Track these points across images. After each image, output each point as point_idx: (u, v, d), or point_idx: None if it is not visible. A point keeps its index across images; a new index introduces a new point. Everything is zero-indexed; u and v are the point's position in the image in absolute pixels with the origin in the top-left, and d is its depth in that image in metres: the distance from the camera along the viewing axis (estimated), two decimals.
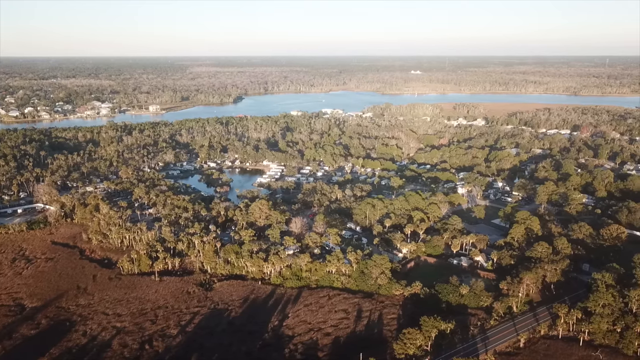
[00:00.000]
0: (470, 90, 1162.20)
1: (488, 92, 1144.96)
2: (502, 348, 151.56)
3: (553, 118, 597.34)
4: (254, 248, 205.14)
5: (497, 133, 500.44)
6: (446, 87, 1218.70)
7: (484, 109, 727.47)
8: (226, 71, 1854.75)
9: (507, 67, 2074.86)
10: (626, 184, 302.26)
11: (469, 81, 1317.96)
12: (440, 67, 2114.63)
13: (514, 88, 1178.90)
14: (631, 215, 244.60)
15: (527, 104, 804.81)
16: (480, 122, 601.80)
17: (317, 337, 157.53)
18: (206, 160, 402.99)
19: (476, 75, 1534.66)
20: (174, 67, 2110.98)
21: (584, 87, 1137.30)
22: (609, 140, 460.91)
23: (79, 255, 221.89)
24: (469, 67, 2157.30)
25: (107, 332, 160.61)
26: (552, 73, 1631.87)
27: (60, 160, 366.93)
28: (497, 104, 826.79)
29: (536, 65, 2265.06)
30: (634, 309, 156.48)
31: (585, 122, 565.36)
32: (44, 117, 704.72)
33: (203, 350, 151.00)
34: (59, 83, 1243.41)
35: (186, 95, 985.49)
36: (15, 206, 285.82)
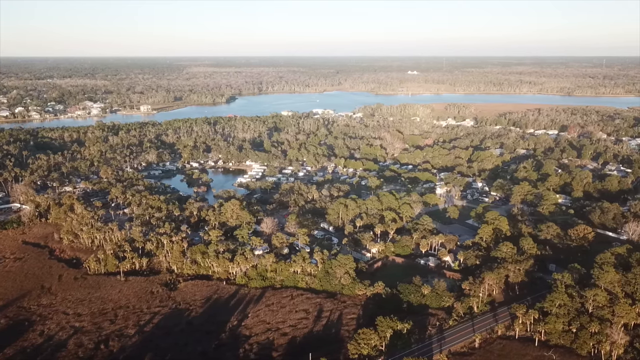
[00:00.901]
0: (464, 91, 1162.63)
1: (482, 92, 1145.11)
2: (457, 348, 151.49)
3: (542, 118, 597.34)
4: (221, 248, 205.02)
5: (483, 133, 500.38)
6: (440, 88, 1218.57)
7: (475, 110, 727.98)
8: (223, 71, 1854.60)
9: (504, 68, 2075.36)
10: (604, 185, 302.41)
11: (464, 81, 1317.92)
12: (437, 68, 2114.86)
13: (508, 88, 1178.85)
14: (603, 216, 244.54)
15: (519, 105, 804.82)
16: (469, 122, 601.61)
17: (273, 337, 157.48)
18: (189, 161, 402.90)
19: (472, 76, 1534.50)
20: (171, 68, 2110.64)
21: (578, 88, 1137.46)
22: (595, 140, 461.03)
23: (48, 255, 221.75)
24: (466, 67, 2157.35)
25: (65, 332, 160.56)
26: (549, 74, 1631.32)
27: (41, 160, 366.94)
28: (489, 104, 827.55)
29: (534, 65, 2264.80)
30: (590, 309, 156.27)
31: (573, 122, 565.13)
32: (34, 117, 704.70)
33: (158, 350, 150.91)
34: (53, 83, 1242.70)
35: (179, 95, 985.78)
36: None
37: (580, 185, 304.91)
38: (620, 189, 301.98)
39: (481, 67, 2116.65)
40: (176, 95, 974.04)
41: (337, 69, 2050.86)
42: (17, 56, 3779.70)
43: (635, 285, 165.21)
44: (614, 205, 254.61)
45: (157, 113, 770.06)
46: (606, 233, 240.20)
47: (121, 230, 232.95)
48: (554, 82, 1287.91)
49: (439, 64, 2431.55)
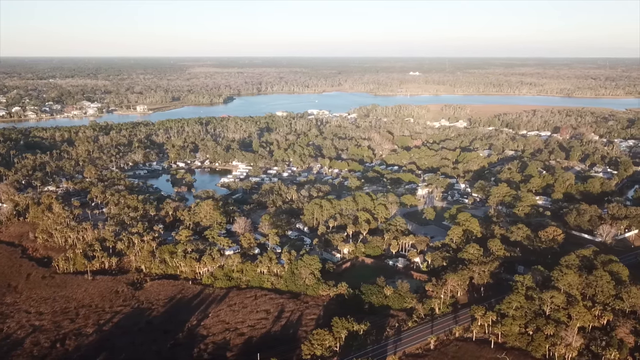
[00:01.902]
0: (463, 92, 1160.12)
1: (482, 93, 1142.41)
2: (412, 350, 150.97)
3: (535, 120, 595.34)
4: (189, 248, 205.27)
5: (474, 135, 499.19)
6: (440, 89, 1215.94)
7: (471, 111, 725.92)
8: (224, 72, 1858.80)
9: (507, 69, 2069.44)
10: (586, 186, 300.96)
11: (464, 82, 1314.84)
12: (439, 69, 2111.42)
13: (507, 89, 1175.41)
14: (579, 218, 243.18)
15: (516, 106, 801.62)
16: (462, 123, 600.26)
17: (230, 337, 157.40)
18: (176, 161, 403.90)
19: (473, 77, 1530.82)
20: (174, 68, 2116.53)
21: (578, 89, 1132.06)
22: (585, 142, 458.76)
23: (21, 254, 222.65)
24: (469, 68, 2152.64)
25: (23, 331, 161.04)
26: (550, 75, 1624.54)
27: (28, 160, 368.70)
28: (486, 105, 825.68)
29: (537, 67, 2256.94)
30: (547, 311, 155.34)
31: (566, 124, 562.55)
32: (30, 116, 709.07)
33: (114, 350, 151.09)
34: (54, 83, 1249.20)
35: (177, 95, 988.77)
36: None
37: (562, 187, 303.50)
38: (602, 190, 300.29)
39: (484, 69, 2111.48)
40: (174, 96, 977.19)
41: (339, 70, 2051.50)
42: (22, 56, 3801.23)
43: (596, 288, 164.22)
44: (592, 207, 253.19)
45: (152, 113, 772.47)
46: (582, 235, 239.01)
47: (95, 229, 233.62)
48: (555, 83, 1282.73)
49: (442, 65, 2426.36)
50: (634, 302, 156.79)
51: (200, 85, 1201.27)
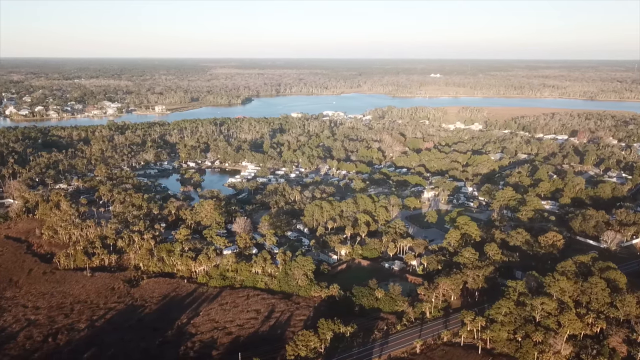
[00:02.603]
0: (483, 94, 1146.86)
1: (502, 96, 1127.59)
2: (398, 353, 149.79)
3: (552, 123, 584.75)
4: (186, 247, 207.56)
5: (488, 137, 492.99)
6: (459, 91, 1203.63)
7: (488, 113, 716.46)
8: (245, 73, 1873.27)
9: (531, 71, 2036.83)
10: (596, 191, 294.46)
11: (485, 85, 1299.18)
12: (461, 71, 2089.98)
13: (529, 92, 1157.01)
14: (584, 223, 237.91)
15: (535, 109, 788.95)
16: (477, 126, 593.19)
17: (218, 335, 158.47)
18: (186, 160, 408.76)
19: (495, 79, 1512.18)
20: (196, 69, 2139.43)
21: (602, 92, 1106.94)
22: (602, 146, 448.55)
23: (26, 249, 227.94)
24: (491, 70, 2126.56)
25: (19, 324, 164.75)
26: (575, 77, 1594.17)
27: (43, 158, 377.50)
28: (505, 107, 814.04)
29: (562, 69, 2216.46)
30: (538, 317, 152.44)
31: (584, 127, 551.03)
32: (52, 115, 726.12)
33: (102, 345, 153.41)
34: (79, 83, 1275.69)
35: (196, 96, 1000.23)
36: None
37: (571, 192, 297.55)
38: (613, 196, 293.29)
39: (506, 71, 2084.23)
40: (193, 96, 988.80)
41: (360, 71, 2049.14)
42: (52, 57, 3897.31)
43: (591, 295, 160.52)
44: (599, 213, 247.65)
45: (170, 113, 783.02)
46: (587, 241, 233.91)
47: (99, 227, 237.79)
48: (578, 86, 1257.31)
49: (464, 67, 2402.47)
50: (628, 311, 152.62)
51: (220, 86, 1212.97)
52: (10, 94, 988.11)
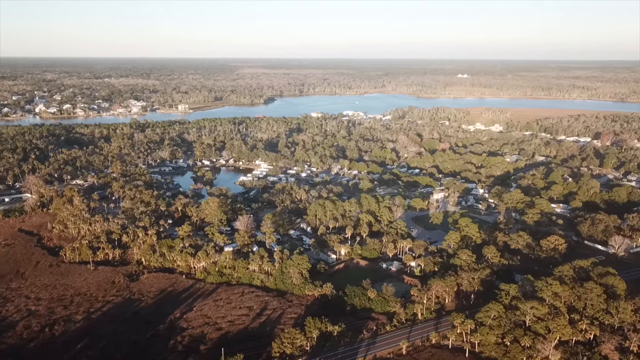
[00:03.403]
0: (509, 95, 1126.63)
1: (529, 97, 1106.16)
2: (384, 354, 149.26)
3: (576, 125, 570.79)
4: (186, 243, 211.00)
5: (507, 139, 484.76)
6: (485, 92, 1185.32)
7: (511, 114, 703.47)
8: (271, 73, 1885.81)
9: (562, 72, 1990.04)
10: (611, 195, 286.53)
11: (512, 86, 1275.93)
12: (489, 72, 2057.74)
13: (557, 93, 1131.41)
14: (593, 228, 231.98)
15: (561, 110, 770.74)
16: (497, 127, 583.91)
17: (208, 330, 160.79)
18: (201, 159, 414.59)
19: (523, 80, 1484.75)
20: (223, 69, 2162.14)
21: (634, 94, 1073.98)
22: (625, 149, 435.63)
23: (36, 242, 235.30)
24: (521, 71, 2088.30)
25: (19, 314, 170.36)
26: (607, 78, 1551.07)
27: (63, 154, 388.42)
28: (529, 109, 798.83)
29: (595, 70, 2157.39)
30: (528, 322, 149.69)
31: (608, 129, 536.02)
32: (79, 113, 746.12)
33: (95, 337, 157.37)
34: (108, 82, 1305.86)
35: (220, 95, 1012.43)
36: (5, 195, 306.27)
37: (585, 195, 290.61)
38: (629, 200, 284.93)
39: (536, 71, 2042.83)
40: (217, 96, 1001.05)
41: (386, 72, 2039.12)
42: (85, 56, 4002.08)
43: (586, 301, 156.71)
44: (611, 217, 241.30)
45: (193, 112, 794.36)
46: (595, 246, 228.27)
47: (106, 222, 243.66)
48: (609, 87, 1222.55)
49: (493, 68, 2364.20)
50: (623, 318, 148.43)
51: (244, 86, 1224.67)
52: (42, 92, 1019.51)
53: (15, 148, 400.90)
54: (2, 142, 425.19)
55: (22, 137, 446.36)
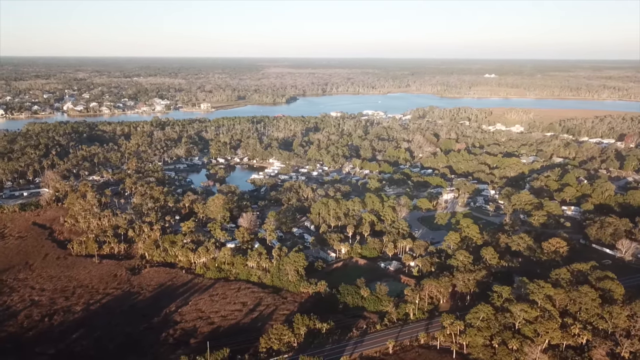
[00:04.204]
0: (536, 95, 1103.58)
1: (556, 97, 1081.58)
2: (370, 353, 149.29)
3: (600, 126, 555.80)
4: (188, 239, 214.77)
5: (526, 140, 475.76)
6: (511, 92, 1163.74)
7: (535, 115, 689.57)
8: (297, 72, 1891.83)
9: (594, 72, 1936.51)
10: (625, 198, 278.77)
11: (539, 86, 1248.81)
12: (518, 71, 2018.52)
13: (586, 94, 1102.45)
14: (601, 231, 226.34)
15: (587, 111, 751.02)
16: (518, 128, 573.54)
17: (200, 325, 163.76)
18: (216, 156, 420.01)
19: (552, 80, 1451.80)
20: (250, 68, 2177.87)
21: None
22: None
23: (47, 235, 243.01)
24: (552, 71, 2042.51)
25: (23, 304, 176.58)
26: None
27: (82, 151, 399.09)
28: (554, 109, 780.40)
29: (629, 69, 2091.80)
30: (517, 325, 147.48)
31: (634, 131, 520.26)
32: (105, 111, 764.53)
33: (91, 328, 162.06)
34: (136, 81, 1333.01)
35: (243, 94, 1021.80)
36: (25, 189, 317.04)
37: (599, 198, 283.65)
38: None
39: (567, 71, 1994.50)
40: (240, 95, 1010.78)
41: (412, 71, 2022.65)
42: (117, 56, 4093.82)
43: (580, 305, 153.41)
44: (622, 221, 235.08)
45: (215, 111, 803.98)
46: (603, 249, 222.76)
47: (115, 217, 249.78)
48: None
49: (523, 68, 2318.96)
50: (617, 323, 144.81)
51: (268, 85, 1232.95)
52: (72, 91, 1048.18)
53: (38, 144, 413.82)
54: (27, 139, 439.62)
55: (45, 134, 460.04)
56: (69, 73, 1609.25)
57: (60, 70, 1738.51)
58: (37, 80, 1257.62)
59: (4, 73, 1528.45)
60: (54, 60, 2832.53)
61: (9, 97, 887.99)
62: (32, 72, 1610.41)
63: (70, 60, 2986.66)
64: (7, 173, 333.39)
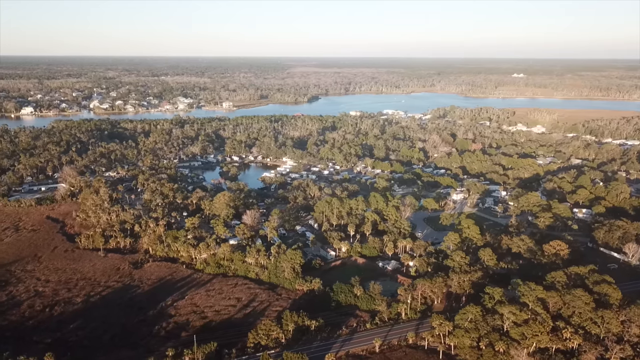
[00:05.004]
0: (563, 96, 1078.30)
1: (585, 97, 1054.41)
2: (357, 351, 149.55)
3: (625, 127, 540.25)
4: (190, 235, 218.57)
5: (546, 140, 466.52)
6: (537, 92, 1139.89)
7: (560, 115, 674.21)
8: (322, 71, 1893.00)
9: (628, 72, 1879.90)
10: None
11: (568, 86, 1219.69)
12: (549, 71, 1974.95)
13: (616, 94, 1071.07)
14: (608, 234, 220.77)
15: (615, 112, 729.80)
16: (539, 128, 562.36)
17: (193, 319, 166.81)
18: (231, 154, 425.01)
19: (582, 80, 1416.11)
20: (276, 68, 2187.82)
21: None
22: None
23: (58, 229, 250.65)
24: (583, 70, 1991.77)
25: (27, 295, 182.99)
26: None
27: (101, 148, 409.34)
28: (579, 110, 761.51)
29: None
30: (506, 327, 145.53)
31: None
32: (129, 109, 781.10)
33: (88, 319, 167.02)
34: (163, 80, 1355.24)
35: (266, 93, 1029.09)
36: (43, 184, 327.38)
37: (614, 200, 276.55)
38: None
39: (600, 71, 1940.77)
40: (262, 94, 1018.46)
41: (439, 70, 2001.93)
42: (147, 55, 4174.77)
43: (573, 308, 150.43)
44: (633, 224, 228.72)
45: (236, 110, 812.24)
46: (611, 253, 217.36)
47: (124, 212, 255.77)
48: None
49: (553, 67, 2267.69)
50: (609, 328, 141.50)
51: (291, 85, 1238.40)
52: (100, 89, 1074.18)
53: (60, 141, 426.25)
54: (50, 135, 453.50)
55: (68, 131, 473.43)
56: (99, 72, 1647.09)
57: (92, 69, 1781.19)
58: (69, 79, 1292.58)
59: (38, 72, 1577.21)
60: (86, 60, 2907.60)
61: (40, 96, 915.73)
62: (65, 71, 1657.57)
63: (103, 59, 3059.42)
64: (27, 168, 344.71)
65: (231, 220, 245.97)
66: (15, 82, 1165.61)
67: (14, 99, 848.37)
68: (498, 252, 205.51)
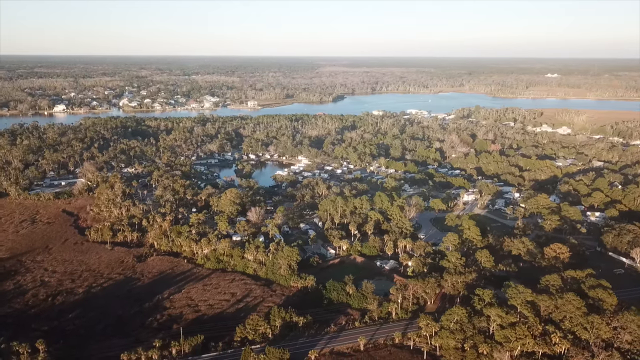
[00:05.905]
0: (597, 96, 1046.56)
1: (619, 98, 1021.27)
2: (341, 348, 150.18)
3: None
4: (193, 230, 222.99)
5: (569, 142, 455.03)
6: (569, 92, 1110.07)
7: (589, 116, 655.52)
8: (351, 71, 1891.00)
9: None
10: None
11: (603, 86, 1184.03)
12: (585, 71, 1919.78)
13: None
14: (618, 239, 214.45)
15: None
16: (565, 130, 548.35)
17: (186, 311, 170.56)
18: (248, 152, 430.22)
19: (619, 80, 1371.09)
20: (306, 67, 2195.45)
21: None
22: None
23: (72, 222, 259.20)
24: (622, 70, 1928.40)
25: (33, 284, 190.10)
26: None
27: (121, 144, 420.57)
28: (611, 111, 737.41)
29: None
30: (492, 329, 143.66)
31: None
32: (156, 108, 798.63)
33: (86, 309, 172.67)
34: (193, 79, 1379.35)
35: (292, 93, 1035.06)
36: (63, 179, 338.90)
37: (631, 204, 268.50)
38: None
39: None
40: (288, 93, 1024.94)
41: (470, 70, 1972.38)
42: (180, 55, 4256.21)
43: (564, 312, 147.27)
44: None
45: (261, 109, 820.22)
46: (619, 258, 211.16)
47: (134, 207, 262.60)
48: None
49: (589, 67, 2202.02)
50: (598, 333, 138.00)
51: (318, 84, 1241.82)
52: (131, 88, 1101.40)
53: (84, 137, 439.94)
54: (76, 132, 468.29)
55: (94, 128, 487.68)
56: (133, 71, 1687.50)
57: (127, 68, 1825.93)
58: (103, 78, 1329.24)
59: (75, 71, 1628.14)
60: (122, 59, 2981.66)
61: (73, 94, 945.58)
62: (100, 70, 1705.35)
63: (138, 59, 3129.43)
64: (50, 163, 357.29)
65: (236, 216, 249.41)
66: (53, 80, 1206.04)
67: (49, 96, 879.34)
68: (499, 254, 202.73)
